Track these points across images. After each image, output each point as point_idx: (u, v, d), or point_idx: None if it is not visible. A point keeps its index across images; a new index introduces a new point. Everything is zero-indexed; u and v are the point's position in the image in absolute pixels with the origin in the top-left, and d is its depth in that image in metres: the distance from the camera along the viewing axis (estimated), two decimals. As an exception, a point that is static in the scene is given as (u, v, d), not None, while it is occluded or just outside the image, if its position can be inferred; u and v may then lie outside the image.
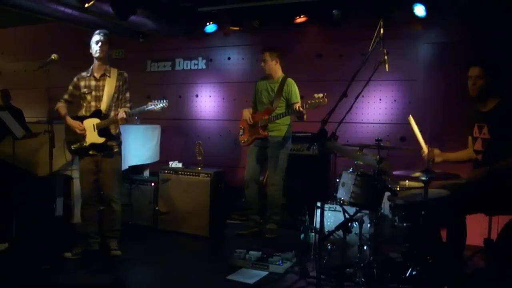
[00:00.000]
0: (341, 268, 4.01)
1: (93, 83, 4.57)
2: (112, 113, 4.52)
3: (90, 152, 4.54)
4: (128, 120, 4.54)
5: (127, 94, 4.66)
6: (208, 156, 6.13)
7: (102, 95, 4.53)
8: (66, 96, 4.65)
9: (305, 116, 5.20)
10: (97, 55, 4.51)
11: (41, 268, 4.09)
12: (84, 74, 4.62)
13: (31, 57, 8.07)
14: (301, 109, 5.07)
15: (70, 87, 4.64)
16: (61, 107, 4.60)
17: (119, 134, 4.70)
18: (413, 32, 5.99)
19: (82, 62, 4.78)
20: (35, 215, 5.17)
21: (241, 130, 5.70)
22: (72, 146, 4.56)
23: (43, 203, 5.19)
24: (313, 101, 4.95)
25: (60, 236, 4.79)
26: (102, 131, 4.48)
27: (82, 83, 4.59)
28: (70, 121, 4.52)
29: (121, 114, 4.40)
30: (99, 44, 4.48)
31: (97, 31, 4.54)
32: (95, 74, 4.57)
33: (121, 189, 4.86)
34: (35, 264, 4.20)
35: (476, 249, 4.40)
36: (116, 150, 4.63)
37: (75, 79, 4.64)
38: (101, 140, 4.47)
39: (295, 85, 5.50)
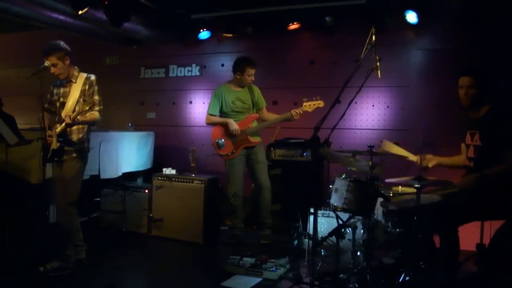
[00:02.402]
0: (334, 274, 4.02)
1: (61, 90, 4.54)
2: (79, 118, 4.34)
3: (56, 159, 4.45)
4: (74, 123, 4.30)
5: (96, 97, 4.45)
6: (202, 163, 6.14)
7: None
8: (46, 105, 4.59)
9: None
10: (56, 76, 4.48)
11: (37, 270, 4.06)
12: (58, 82, 4.59)
13: (24, 63, 8.04)
14: (301, 112, 5.16)
15: (48, 95, 4.61)
16: (41, 118, 4.38)
17: (83, 140, 4.50)
18: (406, 38, 6.04)
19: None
20: (28, 222, 5.15)
21: (220, 144, 5.49)
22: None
23: (37, 210, 5.17)
24: (311, 103, 5.10)
25: (53, 243, 4.77)
26: (59, 136, 4.37)
27: (55, 91, 4.58)
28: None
29: (67, 118, 4.27)
30: (51, 70, 4.37)
31: (43, 53, 4.35)
32: (64, 81, 4.54)
33: (74, 199, 4.47)
34: (28, 272, 4.17)
35: (468, 254, 4.42)
36: (74, 155, 4.44)
37: (51, 86, 4.61)
38: (57, 145, 4.35)
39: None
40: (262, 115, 5.63)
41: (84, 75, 4.55)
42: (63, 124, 4.32)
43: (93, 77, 4.55)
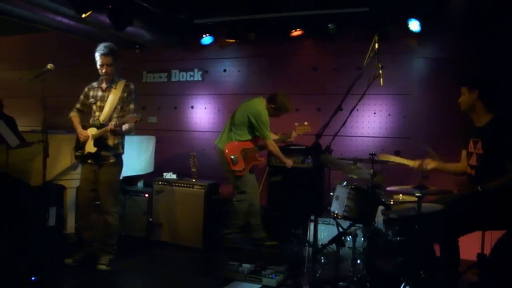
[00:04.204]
0: (334, 281, 4.00)
1: (99, 93, 4.63)
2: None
3: (89, 161, 4.57)
4: (117, 131, 4.49)
5: (131, 106, 4.63)
6: (203, 168, 6.12)
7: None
8: (77, 105, 4.74)
9: None
10: (103, 76, 4.57)
11: (32, 279, 4.05)
12: (94, 84, 4.70)
13: (26, 66, 8.06)
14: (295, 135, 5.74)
15: (81, 97, 4.73)
16: (74, 116, 4.69)
17: (118, 145, 4.65)
18: (408, 46, 6.04)
19: (78, 72, 4.79)
20: (27, 224, 5.14)
21: (235, 160, 5.47)
22: (76, 152, 4.64)
23: (36, 212, 5.16)
24: (301, 127, 5.67)
25: (52, 246, 4.76)
26: (96, 141, 4.49)
27: (91, 93, 4.67)
28: (79, 129, 4.59)
29: (110, 125, 4.42)
30: (103, 68, 4.50)
31: (99, 50, 4.48)
32: (102, 85, 4.62)
33: (118, 202, 4.81)
34: (26, 275, 4.16)
35: (469, 264, 4.40)
36: (112, 161, 4.60)
37: (86, 88, 4.72)
38: (94, 149, 4.49)
39: None
40: None
41: (123, 81, 4.64)
42: (105, 128, 4.43)
43: (132, 85, 4.67)
